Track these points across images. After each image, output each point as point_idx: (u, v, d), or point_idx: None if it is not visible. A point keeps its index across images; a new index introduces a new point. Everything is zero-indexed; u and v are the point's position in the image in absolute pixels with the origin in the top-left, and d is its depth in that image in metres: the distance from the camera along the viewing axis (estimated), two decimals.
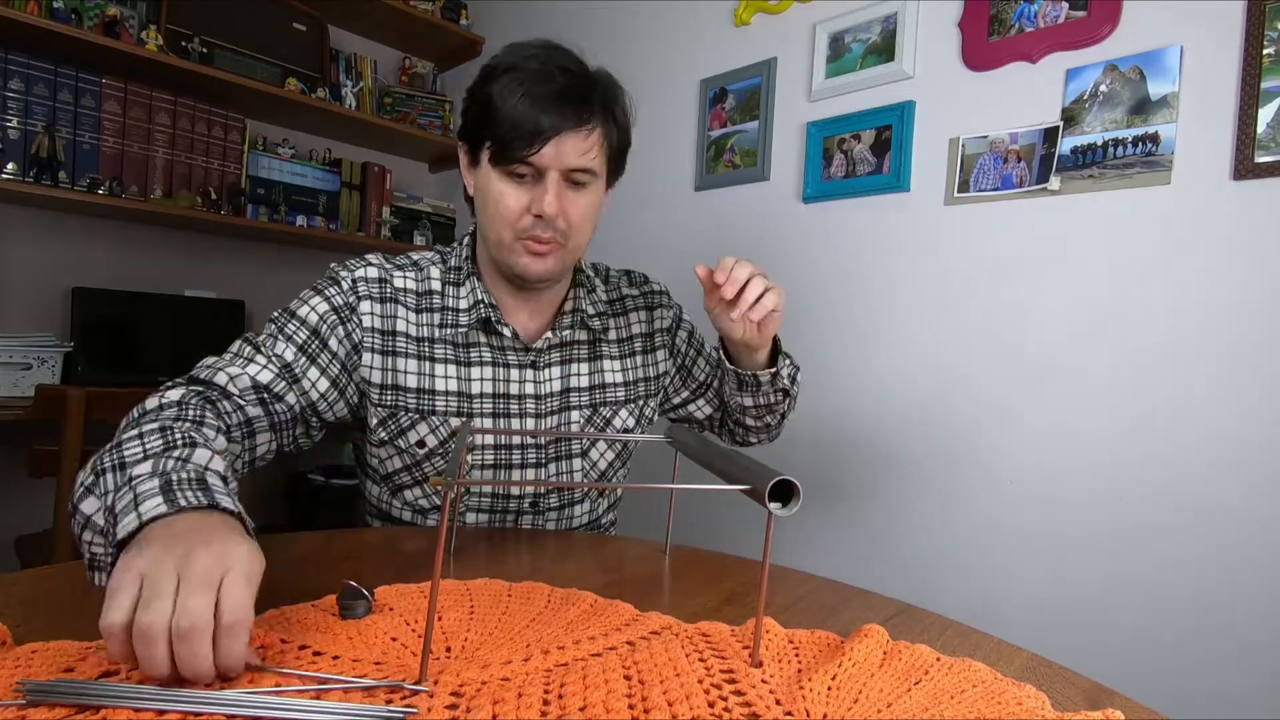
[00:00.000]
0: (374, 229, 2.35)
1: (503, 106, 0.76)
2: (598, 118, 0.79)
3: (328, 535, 0.79)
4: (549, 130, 0.76)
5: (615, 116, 0.82)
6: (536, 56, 0.78)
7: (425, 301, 0.87)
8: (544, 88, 0.76)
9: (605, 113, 0.81)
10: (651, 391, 1.00)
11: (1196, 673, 1.07)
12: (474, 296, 0.87)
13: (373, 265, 0.86)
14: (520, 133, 0.76)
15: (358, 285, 0.83)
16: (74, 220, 1.90)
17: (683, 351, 1.02)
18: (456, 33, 2.39)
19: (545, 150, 0.76)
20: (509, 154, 0.77)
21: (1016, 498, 1.26)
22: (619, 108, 0.83)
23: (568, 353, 0.93)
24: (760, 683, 0.46)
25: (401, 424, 0.85)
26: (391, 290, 0.85)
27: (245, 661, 0.42)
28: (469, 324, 0.86)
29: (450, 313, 0.87)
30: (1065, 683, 0.51)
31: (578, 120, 0.77)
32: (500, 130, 0.77)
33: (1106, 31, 1.17)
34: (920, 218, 1.40)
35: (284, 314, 0.81)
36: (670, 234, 1.85)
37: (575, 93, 0.77)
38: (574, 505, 0.96)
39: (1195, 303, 1.09)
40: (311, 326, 0.80)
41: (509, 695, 0.43)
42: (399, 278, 0.86)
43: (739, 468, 0.51)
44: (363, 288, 0.83)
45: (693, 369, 1.03)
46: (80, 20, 1.72)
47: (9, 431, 1.79)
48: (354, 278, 0.84)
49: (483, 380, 0.87)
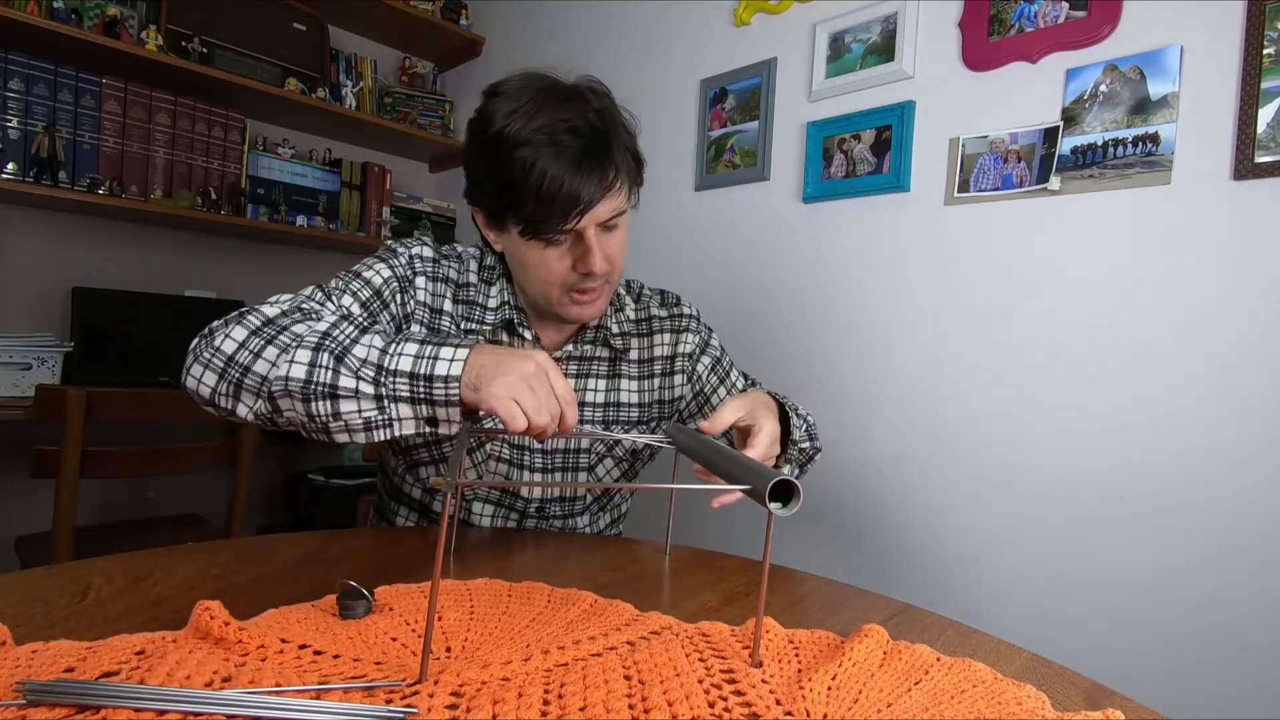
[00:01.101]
0: (374, 229, 2.36)
1: (526, 189, 0.74)
2: (620, 166, 0.78)
3: (328, 535, 0.79)
4: (583, 205, 0.75)
5: (627, 146, 0.81)
6: (543, 116, 0.75)
7: (462, 293, 0.89)
8: (565, 162, 0.74)
9: (623, 153, 0.79)
10: (665, 414, 0.99)
11: (1196, 673, 1.07)
12: (502, 297, 0.89)
13: (428, 246, 0.88)
14: (552, 213, 0.75)
15: (414, 261, 0.86)
16: (74, 220, 1.90)
17: (703, 379, 0.98)
18: (456, 33, 2.39)
19: (582, 220, 0.77)
20: (545, 228, 0.77)
21: (1016, 497, 1.26)
22: (625, 131, 0.81)
23: (586, 367, 0.93)
24: (760, 683, 0.46)
25: None
26: (442, 272, 0.88)
27: None
28: (494, 323, 0.88)
29: (479, 309, 0.89)
30: (1065, 683, 0.51)
31: (605, 185, 0.77)
32: (529, 211, 0.76)
33: (1106, 31, 1.17)
34: (920, 218, 1.40)
35: (348, 274, 0.82)
36: (670, 234, 1.85)
37: (595, 154, 0.76)
38: (577, 516, 0.96)
39: (1195, 302, 1.09)
40: (375, 288, 0.82)
41: (509, 695, 0.43)
42: (444, 265, 0.89)
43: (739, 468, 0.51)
44: (418, 264, 0.86)
45: (710, 398, 0.99)
46: (80, 20, 1.72)
47: (9, 431, 1.79)
48: (411, 254, 0.86)
49: None
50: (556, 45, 2.18)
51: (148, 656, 0.44)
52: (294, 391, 0.62)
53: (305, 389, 0.62)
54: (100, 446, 1.28)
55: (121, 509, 1.98)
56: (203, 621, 0.47)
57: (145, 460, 1.35)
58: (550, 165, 0.74)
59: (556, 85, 0.79)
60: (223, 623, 0.47)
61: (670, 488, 0.59)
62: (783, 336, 1.61)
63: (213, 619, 0.47)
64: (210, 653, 0.45)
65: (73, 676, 0.42)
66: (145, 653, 0.45)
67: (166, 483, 2.04)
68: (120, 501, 1.99)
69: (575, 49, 2.11)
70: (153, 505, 2.04)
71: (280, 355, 0.63)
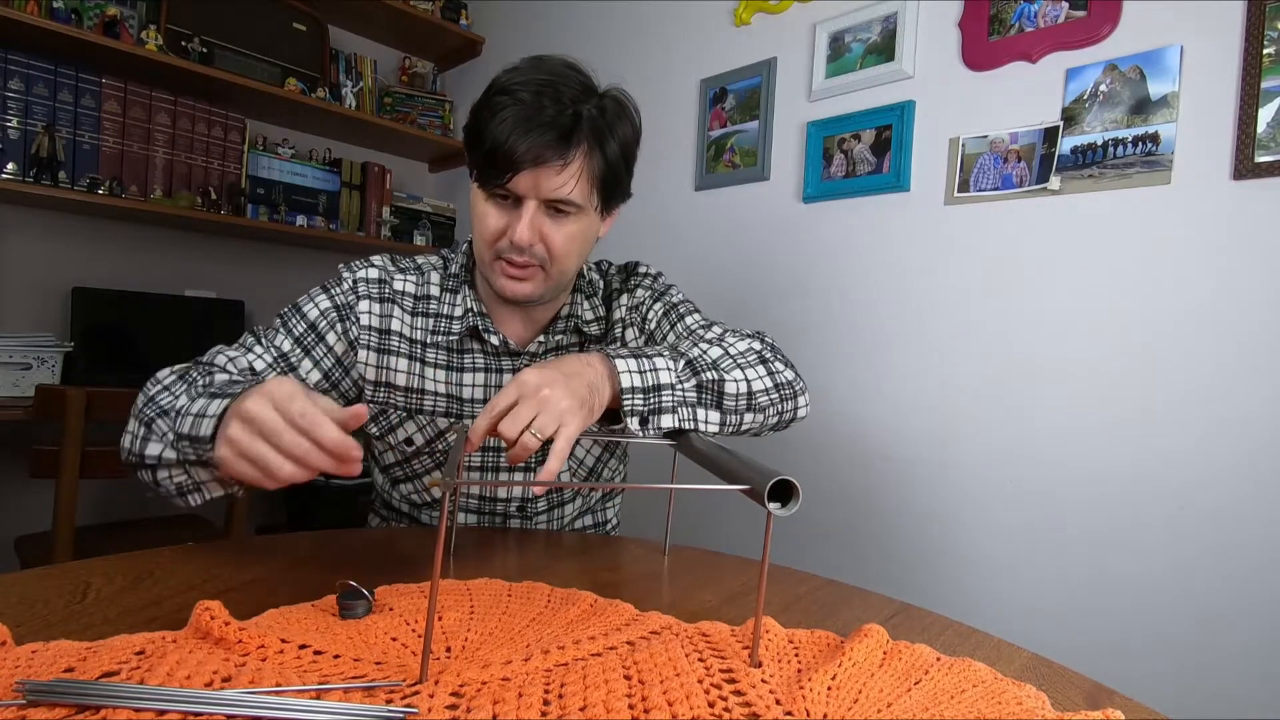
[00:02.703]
0: (374, 229, 2.36)
1: (486, 130, 0.75)
2: (579, 151, 0.76)
3: (328, 535, 0.79)
4: (524, 162, 0.74)
5: (605, 148, 0.79)
6: (534, 82, 0.76)
7: (422, 306, 0.88)
8: (527, 118, 0.74)
9: (592, 145, 0.77)
10: None
11: (1197, 673, 1.07)
12: (465, 304, 0.88)
13: (375, 266, 0.88)
14: (497, 160, 0.74)
15: (358, 285, 0.86)
16: (74, 220, 1.90)
17: (654, 325, 0.93)
18: (456, 33, 2.39)
19: (520, 180, 0.75)
20: (487, 178, 0.77)
21: (1016, 497, 1.26)
22: (613, 138, 0.79)
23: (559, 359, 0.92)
24: (760, 682, 0.46)
25: (390, 421, 0.88)
26: (390, 291, 0.87)
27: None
28: (460, 331, 0.87)
29: (444, 319, 0.88)
30: (1065, 683, 0.51)
31: (556, 154, 0.75)
32: (481, 154, 0.76)
33: (1106, 31, 1.17)
34: (920, 218, 1.40)
35: (290, 309, 0.85)
36: (670, 234, 1.85)
37: (558, 126, 0.74)
38: (563, 505, 0.96)
39: (1195, 302, 1.09)
40: (310, 321, 0.84)
41: (509, 695, 0.43)
42: (399, 280, 0.88)
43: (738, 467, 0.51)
44: (362, 288, 0.86)
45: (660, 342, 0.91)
46: (80, 20, 1.72)
47: (9, 431, 1.79)
48: (355, 278, 0.87)
49: (474, 386, 0.88)
50: (556, 45, 2.18)
51: (148, 656, 0.44)
52: (127, 462, 0.69)
53: (128, 459, 0.68)
54: (100, 446, 1.27)
55: (121, 509, 1.98)
56: (203, 621, 0.47)
57: None
58: (509, 115, 0.74)
59: (576, 74, 0.79)
60: (223, 623, 0.47)
61: (670, 488, 0.58)
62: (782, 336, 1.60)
63: (213, 619, 0.47)
64: (210, 653, 0.45)
65: (73, 676, 0.42)
66: (145, 653, 0.45)
67: None
68: (120, 501, 1.99)
69: (575, 49, 2.10)
70: (153, 505, 2.04)
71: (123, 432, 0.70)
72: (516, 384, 0.62)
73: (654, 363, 0.72)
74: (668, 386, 0.71)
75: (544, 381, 0.61)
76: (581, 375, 0.66)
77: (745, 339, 0.84)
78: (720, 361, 0.77)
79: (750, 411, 0.78)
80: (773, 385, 0.80)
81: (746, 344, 0.82)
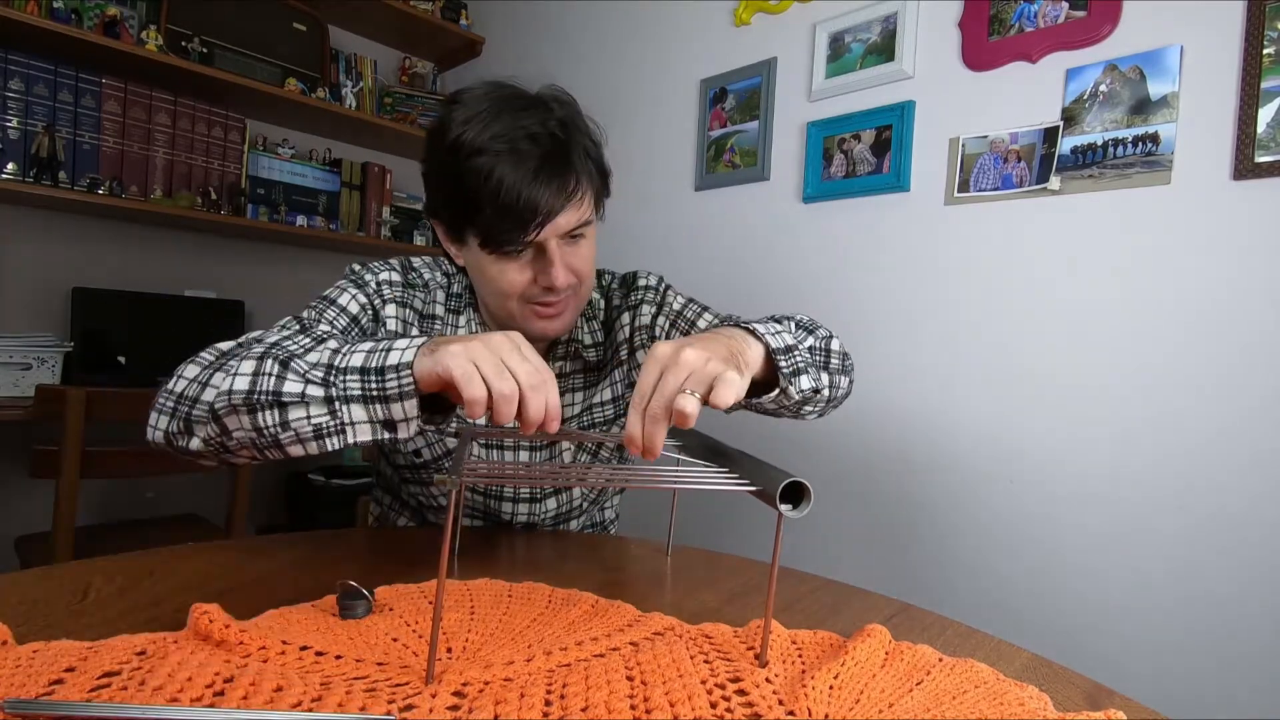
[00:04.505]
0: (374, 229, 2.36)
1: (483, 199, 0.71)
2: (581, 175, 0.75)
3: (328, 535, 0.79)
4: (542, 215, 0.71)
5: (591, 155, 0.77)
6: (495, 123, 0.72)
7: (427, 326, 0.86)
8: (523, 170, 0.71)
9: (585, 162, 0.76)
10: None
11: (1197, 673, 1.07)
12: (470, 329, 0.86)
13: (395, 270, 0.85)
14: (511, 224, 0.72)
15: (382, 288, 0.83)
16: (74, 220, 1.90)
17: (663, 337, 0.91)
18: (456, 33, 2.39)
19: (543, 230, 0.73)
20: (503, 244, 0.74)
21: (1017, 498, 1.26)
22: (589, 141, 0.77)
23: (562, 384, 0.90)
24: (764, 682, 0.46)
25: None
26: (409, 299, 0.85)
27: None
28: None
29: None
30: (1066, 683, 0.51)
31: (565, 194, 0.73)
32: (486, 222, 0.72)
33: (1106, 31, 1.17)
34: (920, 218, 1.40)
35: (322, 300, 0.79)
36: (670, 234, 1.85)
37: (555, 163, 0.72)
38: (569, 521, 0.95)
39: (1196, 303, 1.09)
40: (352, 315, 0.79)
41: (511, 695, 0.43)
42: (411, 294, 0.86)
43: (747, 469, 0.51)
44: (387, 291, 0.83)
45: None
46: (80, 20, 1.72)
47: (9, 431, 1.79)
48: (378, 280, 0.83)
49: None
50: (556, 45, 2.18)
51: (149, 657, 0.44)
52: (238, 405, 0.57)
53: (249, 399, 0.57)
54: (100, 446, 1.27)
55: (121, 509, 1.98)
56: (201, 624, 0.47)
57: (145, 460, 1.35)
58: (508, 174, 0.70)
59: (517, 93, 0.76)
60: (222, 625, 0.47)
61: (672, 487, 0.58)
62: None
63: (211, 622, 0.47)
64: (211, 654, 0.45)
65: (73, 676, 0.42)
66: (147, 653, 0.45)
67: (166, 483, 2.04)
68: (120, 501, 1.99)
69: (575, 49, 2.11)
70: (153, 505, 2.04)
71: (225, 378, 0.59)
72: (651, 359, 0.57)
73: (772, 326, 0.68)
74: (794, 348, 0.68)
75: (679, 345, 0.56)
76: (715, 338, 0.61)
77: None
78: (805, 324, 0.76)
79: (842, 374, 0.77)
80: (843, 351, 0.79)
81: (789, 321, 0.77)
